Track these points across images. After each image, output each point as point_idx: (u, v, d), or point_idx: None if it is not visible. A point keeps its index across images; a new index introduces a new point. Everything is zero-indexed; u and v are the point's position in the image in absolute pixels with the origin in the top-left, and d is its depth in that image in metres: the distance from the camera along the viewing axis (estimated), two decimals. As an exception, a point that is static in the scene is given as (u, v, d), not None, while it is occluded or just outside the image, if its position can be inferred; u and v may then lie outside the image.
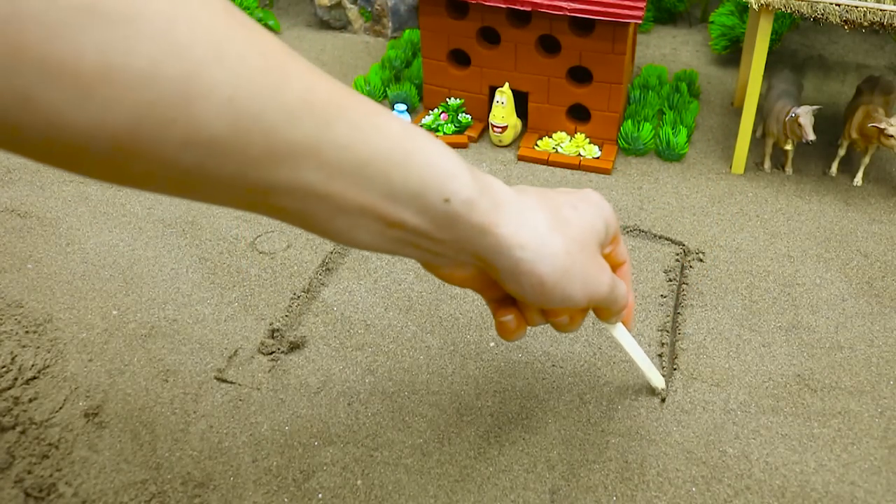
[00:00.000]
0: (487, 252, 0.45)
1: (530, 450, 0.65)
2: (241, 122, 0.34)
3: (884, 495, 0.62)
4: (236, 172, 0.36)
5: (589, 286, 0.49)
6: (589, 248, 0.49)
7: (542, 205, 0.47)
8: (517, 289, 0.47)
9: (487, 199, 0.44)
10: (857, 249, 0.87)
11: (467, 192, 0.42)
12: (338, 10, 1.36)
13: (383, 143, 0.39)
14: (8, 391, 0.68)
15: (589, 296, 0.49)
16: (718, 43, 1.26)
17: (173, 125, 0.33)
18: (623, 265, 0.57)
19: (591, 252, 0.49)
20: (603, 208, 0.52)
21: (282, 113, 0.35)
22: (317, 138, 0.37)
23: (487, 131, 1.06)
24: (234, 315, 0.77)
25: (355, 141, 0.38)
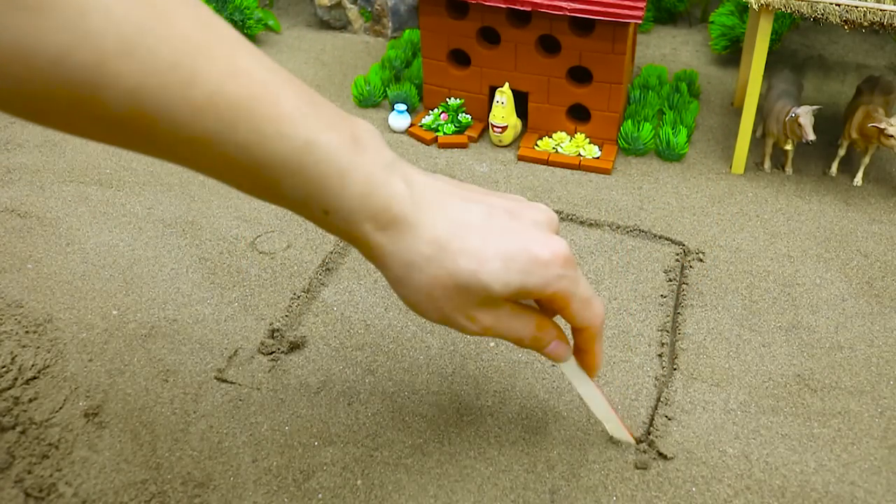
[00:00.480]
0: (364, 250, 0.49)
1: (530, 450, 0.65)
2: (145, 110, 0.38)
3: (884, 495, 0.62)
4: (143, 147, 0.41)
5: (451, 323, 0.50)
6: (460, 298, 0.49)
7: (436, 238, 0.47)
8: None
9: (371, 221, 0.46)
10: (857, 249, 0.87)
11: (346, 210, 0.45)
12: (338, 10, 1.36)
13: (280, 150, 0.42)
14: (8, 391, 0.68)
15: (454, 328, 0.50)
16: (718, 43, 1.26)
17: (81, 105, 0.36)
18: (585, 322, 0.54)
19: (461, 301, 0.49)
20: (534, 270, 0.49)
21: (186, 109, 0.38)
22: (217, 136, 0.40)
23: (487, 131, 1.06)
24: (234, 315, 0.77)
25: (252, 144, 0.41)
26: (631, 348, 0.75)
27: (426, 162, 1.01)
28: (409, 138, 1.06)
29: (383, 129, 1.08)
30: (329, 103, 0.48)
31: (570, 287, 0.50)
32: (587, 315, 0.53)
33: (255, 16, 1.30)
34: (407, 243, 0.47)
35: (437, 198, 0.48)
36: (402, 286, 0.49)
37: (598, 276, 0.83)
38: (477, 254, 0.47)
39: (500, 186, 0.96)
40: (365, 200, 0.46)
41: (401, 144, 1.05)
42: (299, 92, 0.44)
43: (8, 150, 1.02)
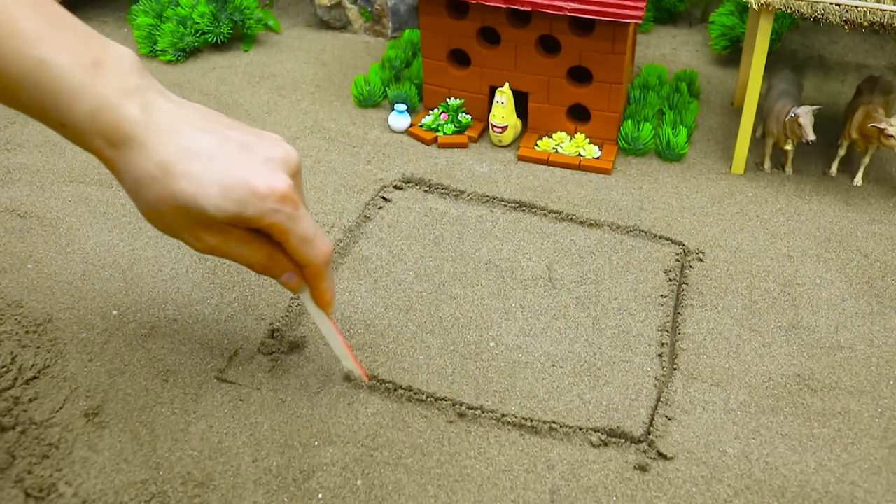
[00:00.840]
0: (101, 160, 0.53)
1: (530, 450, 0.65)
2: None
3: (884, 495, 0.62)
4: None
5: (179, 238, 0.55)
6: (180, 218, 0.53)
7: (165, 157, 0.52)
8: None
9: (101, 138, 0.52)
10: (857, 249, 0.87)
11: (77, 126, 0.51)
12: (338, 10, 1.36)
13: (16, 66, 0.49)
14: (8, 391, 0.68)
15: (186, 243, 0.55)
16: (718, 43, 1.26)
17: None
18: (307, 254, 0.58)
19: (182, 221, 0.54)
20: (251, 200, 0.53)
21: None
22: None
23: (487, 131, 1.06)
24: (234, 315, 0.77)
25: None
26: (631, 348, 0.75)
27: (426, 162, 1.01)
28: (409, 138, 1.06)
29: (383, 129, 1.08)
30: (80, 27, 0.53)
31: (286, 222, 0.55)
32: (307, 252, 0.57)
33: (255, 16, 1.30)
34: (136, 162, 0.52)
35: (172, 124, 0.53)
36: (135, 199, 0.54)
37: (598, 276, 0.83)
38: (198, 179, 0.52)
39: (500, 186, 0.96)
40: (95, 119, 0.51)
41: (401, 144, 1.05)
42: (42, 15, 0.50)
43: (8, 150, 1.02)
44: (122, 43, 0.64)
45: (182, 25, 1.24)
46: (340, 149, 1.04)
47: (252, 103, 1.14)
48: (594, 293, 0.81)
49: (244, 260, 0.57)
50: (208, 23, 1.25)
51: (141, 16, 1.26)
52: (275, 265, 0.58)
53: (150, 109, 0.52)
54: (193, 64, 1.24)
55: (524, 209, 0.93)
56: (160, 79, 1.26)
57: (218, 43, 1.27)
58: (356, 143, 1.05)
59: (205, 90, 1.17)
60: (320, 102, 1.14)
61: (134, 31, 1.26)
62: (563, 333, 0.76)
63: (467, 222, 0.91)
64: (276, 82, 1.19)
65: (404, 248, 0.87)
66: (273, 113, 1.12)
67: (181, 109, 0.54)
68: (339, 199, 0.94)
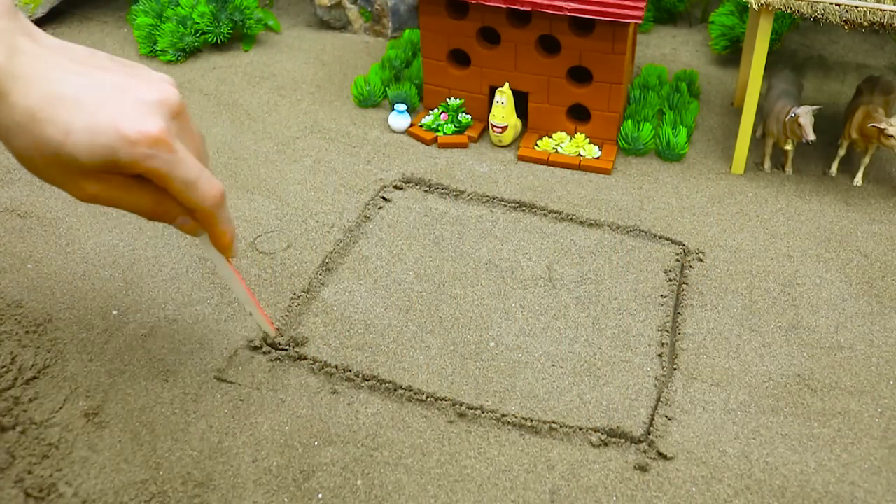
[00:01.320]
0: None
1: (530, 450, 0.65)
2: None
3: (884, 495, 0.62)
4: None
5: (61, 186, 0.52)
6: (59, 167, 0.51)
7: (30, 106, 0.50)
8: None
9: None
10: (857, 249, 0.87)
11: None
12: (338, 10, 1.36)
13: None
14: (8, 391, 0.68)
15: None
16: (718, 43, 1.26)
17: None
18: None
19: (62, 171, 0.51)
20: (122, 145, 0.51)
21: None
22: None
23: (487, 131, 1.06)
24: (234, 315, 0.78)
25: None
26: (631, 348, 0.75)
27: (426, 162, 1.01)
28: (409, 138, 1.06)
29: (383, 129, 1.08)
30: None
31: (163, 167, 0.52)
32: (193, 196, 0.55)
33: (255, 16, 1.30)
34: (2, 111, 0.49)
35: (39, 69, 0.50)
36: (8, 148, 0.51)
37: (598, 276, 0.83)
38: (65, 125, 0.49)
39: (500, 186, 0.96)
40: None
41: (401, 144, 1.05)
42: None
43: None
44: (122, 43, 0.63)
45: (182, 25, 1.24)
46: (340, 149, 1.04)
47: (252, 103, 1.14)
48: (594, 293, 0.81)
49: (131, 207, 0.55)
50: (208, 23, 1.25)
51: (141, 16, 1.26)
52: (165, 211, 0.56)
53: (16, 54, 0.50)
54: (193, 64, 1.24)
55: (524, 209, 0.93)
56: (160, 79, 1.25)
57: (218, 43, 1.27)
58: (356, 143, 1.05)
59: (205, 90, 1.17)
60: (320, 102, 1.14)
61: (134, 31, 1.26)
62: (563, 333, 0.76)
63: (467, 222, 0.91)
64: (276, 82, 1.19)
65: (404, 248, 0.87)
66: (273, 113, 1.12)
67: (50, 52, 0.51)
68: (339, 199, 0.94)
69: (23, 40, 0.51)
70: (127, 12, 1.38)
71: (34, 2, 1.31)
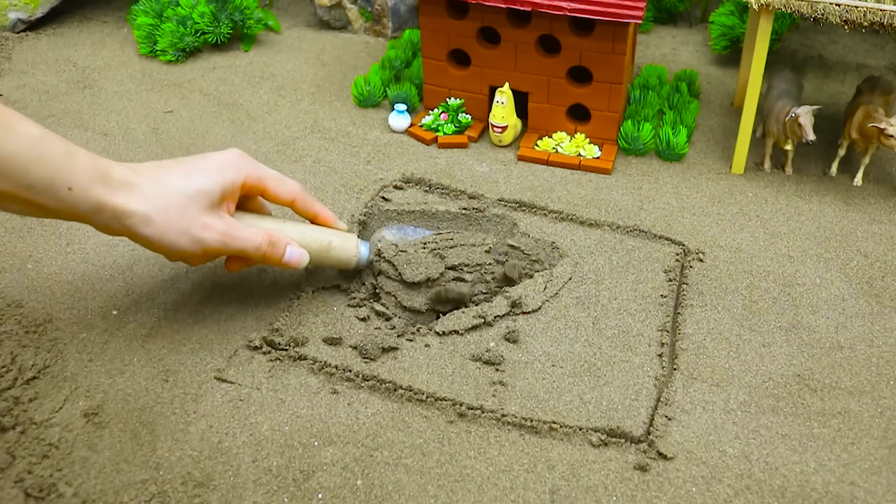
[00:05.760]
0: (112, 222, 0.63)
1: (530, 450, 0.65)
2: None
3: (884, 495, 0.62)
4: None
5: (195, 238, 0.65)
6: (190, 210, 0.65)
7: (154, 180, 0.64)
8: (143, 245, 0.66)
9: (103, 185, 0.61)
10: (857, 249, 0.87)
11: (85, 180, 0.60)
12: (338, 10, 1.36)
13: (20, 144, 0.57)
14: (8, 391, 0.68)
15: (201, 245, 0.66)
16: (718, 43, 1.26)
17: None
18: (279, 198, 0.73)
19: (192, 213, 0.65)
20: (226, 168, 0.67)
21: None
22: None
23: (487, 131, 1.06)
24: (234, 315, 0.77)
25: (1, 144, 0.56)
26: (631, 348, 0.75)
27: (426, 162, 1.01)
28: (409, 138, 1.06)
29: (383, 129, 1.08)
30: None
31: (257, 170, 0.70)
32: (287, 188, 0.72)
33: (255, 16, 1.30)
34: (133, 193, 0.63)
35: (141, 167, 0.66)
36: (144, 226, 0.63)
37: (598, 276, 0.83)
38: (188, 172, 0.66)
39: (500, 186, 0.96)
40: (95, 167, 0.61)
41: (401, 144, 1.05)
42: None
43: (8, 150, 1.02)
44: (122, 43, 0.69)
45: (182, 25, 1.24)
46: (340, 149, 1.04)
47: (252, 103, 1.14)
48: (594, 293, 0.81)
49: (251, 242, 0.69)
50: (208, 23, 1.25)
51: (141, 16, 1.26)
52: (277, 241, 0.71)
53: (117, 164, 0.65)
54: (193, 64, 1.24)
55: (524, 209, 0.93)
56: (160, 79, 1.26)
57: (218, 43, 1.27)
58: (356, 143, 1.05)
59: (205, 90, 1.17)
60: (320, 102, 1.14)
61: (134, 31, 1.26)
62: (563, 333, 0.76)
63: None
64: (276, 82, 1.19)
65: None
66: (273, 113, 1.12)
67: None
68: (339, 199, 0.94)
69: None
70: (127, 12, 1.38)
71: (34, 2, 1.31)
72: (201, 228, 0.65)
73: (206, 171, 0.67)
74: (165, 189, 0.64)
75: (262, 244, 0.69)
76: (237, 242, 0.68)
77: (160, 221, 0.64)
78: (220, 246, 0.67)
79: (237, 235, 0.68)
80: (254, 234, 0.69)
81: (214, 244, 0.66)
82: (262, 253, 0.69)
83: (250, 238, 0.68)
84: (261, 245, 0.69)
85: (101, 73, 1.21)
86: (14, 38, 1.30)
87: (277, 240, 0.70)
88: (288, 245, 0.71)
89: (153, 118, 1.09)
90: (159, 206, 0.63)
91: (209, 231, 0.66)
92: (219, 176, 0.67)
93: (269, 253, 0.70)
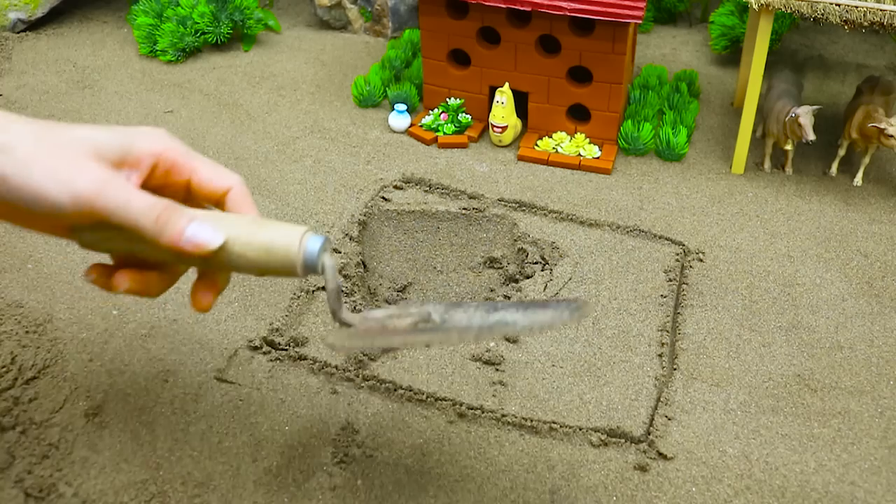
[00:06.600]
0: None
1: (530, 450, 0.65)
2: None
3: (884, 495, 0.62)
4: None
5: (64, 180, 0.50)
6: (66, 150, 0.51)
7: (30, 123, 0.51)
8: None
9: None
10: (857, 249, 0.87)
11: None
12: (338, 10, 1.36)
13: None
14: (8, 391, 0.68)
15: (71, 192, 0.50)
16: (718, 43, 1.26)
17: None
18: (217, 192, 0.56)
19: (68, 153, 0.51)
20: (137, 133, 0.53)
21: None
22: None
23: (487, 131, 1.06)
24: (234, 315, 0.78)
25: None
26: (631, 348, 0.75)
27: (426, 162, 1.01)
28: (409, 138, 1.06)
29: (383, 129, 1.08)
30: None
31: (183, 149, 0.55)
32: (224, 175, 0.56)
33: (255, 16, 1.30)
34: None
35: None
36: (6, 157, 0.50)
37: (598, 276, 0.83)
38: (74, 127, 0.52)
39: (500, 186, 0.96)
40: None
41: (401, 144, 1.05)
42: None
43: (8, 150, 1.02)
44: (122, 43, 0.65)
45: (182, 25, 1.24)
46: (340, 149, 1.04)
47: (252, 103, 1.14)
48: (594, 293, 0.81)
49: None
50: (208, 23, 1.25)
51: (141, 16, 1.26)
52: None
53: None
54: (193, 64, 1.24)
55: (524, 209, 0.93)
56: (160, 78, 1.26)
57: (218, 43, 1.27)
58: (356, 143, 1.05)
59: (205, 90, 1.17)
60: (320, 102, 1.14)
61: (134, 31, 1.26)
62: (563, 333, 0.76)
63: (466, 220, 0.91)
64: (276, 82, 1.19)
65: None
66: (273, 113, 1.12)
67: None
68: (339, 199, 0.94)
69: None
70: (127, 12, 1.38)
71: (34, 2, 1.31)
72: (75, 169, 0.50)
73: (107, 128, 0.53)
74: (41, 128, 0.51)
75: (158, 205, 0.51)
76: (120, 201, 0.50)
77: (21, 153, 0.50)
78: (95, 197, 0.50)
79: (122, 192, 0.51)
80: (147, 196, 0.51)
81: (88, 192, 0.50)
82: (157, 217, 0.51)
83: (141, 199, 0.51)
84: (155, 205, 0.51)
85: (101, 73, 1.21)
86: (14, 38, 1.30)
87: (179, 208, 0.52)
88: (194, 220, 0.52)
89: (153, 118, 1.09)
90: (26, 140, 0.50)
91: (84, 173, 0.50)
92: (121, 134, 0.52)
93: (166, 221, 0.52)
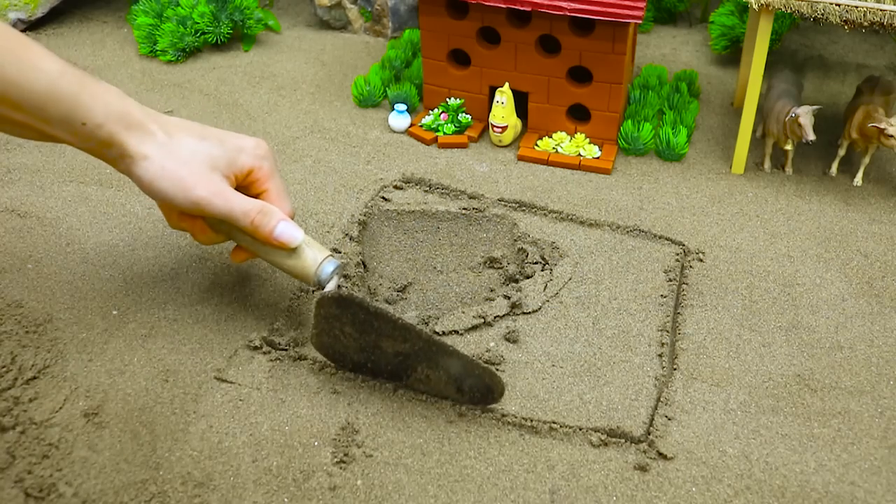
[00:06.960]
0: (117, 160, 0.65)
1: (530, 450, 0.65)
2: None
3: (884, 495, 0.62)
4: None
5: (183, 186, 0.65)
6: (190, 163, 0.66)
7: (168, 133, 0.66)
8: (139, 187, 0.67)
9: (118, 123, 0.64)
10: (857, 249, 0.87)
11: (101, 116, 0.63)
12: (338, 10, 1.36)
13: (40, 82, 0.60)
14: (8, 391, 0.68)
15: (187, 195, 0.66)
16: (718, 43, 1.26)
17: None
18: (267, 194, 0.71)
19: (191, 166, 0.66)
20: (243, 149, 0.69)
21: None
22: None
23: (487, 131, 1.06)
24: (234, 315, 0.77)
25: (20, 80, 0.59)
26: (631, 348, 0.75)
27: (426, 162, 1.01)
28: (409, 138, 1.06)
29: (383, 130, 1.08)
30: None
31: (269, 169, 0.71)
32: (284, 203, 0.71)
33: (255, 16, 1.30)
34: (147, 140, 0.65)
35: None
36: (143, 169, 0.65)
37: (598, 276, 0.83)
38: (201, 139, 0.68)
39: (500, 186, 0.96)
40: (115, 105, 0.64)
41: (401, 144, 1.05)
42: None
43: (8, 150, 1.02)
44: (122, 43, 0.71)
45: (182, 25, 1.24)
46: (340, 149, 1.04)
47: (252, 103, 1.14)
48: (594, 293, 0.81)
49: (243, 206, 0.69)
50: (208, 23, 1.25)
51: (141, 16, 1.26)
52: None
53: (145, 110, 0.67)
54: (193, 64, 1.24)
55: (524, 209, 0.93)
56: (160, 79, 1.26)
57: (218, 43, 1.27)
58: (356, 143, 1.05)
59: (205, 90, 1.17)
60: (320, 102, 1.14)
61: (134, 31, 1.26)
62: (563, 333, 0.76)
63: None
64: (276, 82, 1.19)
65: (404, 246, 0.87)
66: (273, 113, 1.12)
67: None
68: (339, 199, 0.94)
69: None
70: (127, 12, 1.38)
71: (34, 2, 1.31)
72: (194, 179, 0.66)
73: (223, 142, 0.68)
74: (175, 142, 0.66)
75: (252, 211, 0.67)
76: (226, 203, 0.66)
77: (155, 167, 0.65)
78: (207, 200, 0.66)
79: (228, 196, 0.67)
80: (246, 200, 0.67)
81: (200, 198, 0.66)
82: (251, 220, 0.67)
83: (241, 202, 0.67)
84: (250, 211, 0.67)
85: (101, 73, 1.20)
86: (14, 38, 1.30)
87: (271, 210, 0.68)
88: (282, 220, 0.68)
89: (153, 118, 1.09)
90: (163, 154, 0.65)
91: (201, 183, 0.66)
92: (233, 152, 0.68)
93: (259, 223, 0.67)
